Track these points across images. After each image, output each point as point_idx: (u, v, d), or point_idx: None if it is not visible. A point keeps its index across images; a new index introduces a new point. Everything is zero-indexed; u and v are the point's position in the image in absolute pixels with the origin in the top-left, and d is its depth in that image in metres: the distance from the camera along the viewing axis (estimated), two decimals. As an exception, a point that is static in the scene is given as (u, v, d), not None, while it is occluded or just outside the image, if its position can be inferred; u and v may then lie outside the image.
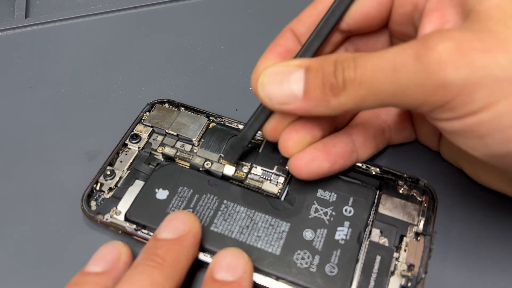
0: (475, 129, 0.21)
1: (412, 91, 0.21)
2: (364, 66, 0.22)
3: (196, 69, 0.40)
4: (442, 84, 0.20)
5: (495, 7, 0.21)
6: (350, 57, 0.23)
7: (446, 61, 0.20)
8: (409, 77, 0.21)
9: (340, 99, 0.24)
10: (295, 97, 0.25)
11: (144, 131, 0.34)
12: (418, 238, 0.29)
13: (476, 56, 0.20)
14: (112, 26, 0.45)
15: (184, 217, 0.27)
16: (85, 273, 0.26)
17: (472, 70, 0.20)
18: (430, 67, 0.20)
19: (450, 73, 0.20)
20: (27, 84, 0.40)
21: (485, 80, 0.20)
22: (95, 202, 0.31)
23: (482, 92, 0.20)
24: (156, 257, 0.25)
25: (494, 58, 0.20)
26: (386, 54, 0.22)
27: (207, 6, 0.46)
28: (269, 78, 0.26)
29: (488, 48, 0.20)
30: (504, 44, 0.20)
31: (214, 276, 0.26)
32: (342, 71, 0.23)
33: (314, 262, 0.28)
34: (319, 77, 0.24)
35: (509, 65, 0.20)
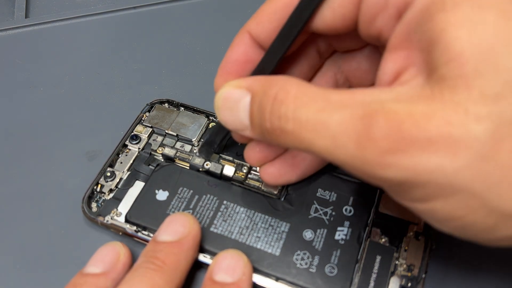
0: (411, 208, 0.21)
1: (349, 170, 0.20)
2: (304, 122, 0.20)
3: (196, 69, 0.40)
4: (378, 178, 0.19)
5: (462, 78, 0.18)
6: (291, 100, 0.21)
7: (386, 162, 0.18)
8: (347, 159, 0.19)
9: (279, 142, 0.22)
10: (245, 126, 0.24)
11: (144, 132, 0.34)
12: (418, 238, 0.29)
13: (421, 158, 0.18)
14: (112, 26, 0.45)
15: (184, 219, 0.27)
16: (84, 274, 0.26)
17: (413, 174, 0.18)
18: (369, 162, 0.19)
19: (388, 173, 0.19)
20: (27, 84, 0.40)
21: (424, 183, 0.18)
22: (95, 204, 0.31)
23: (419, 191, 0.19)
24: (156, 260, 0.25)
25: (440, 162, 0.18)
26: (330, 120, 0.19)
27: (207, 6, 0.46)
28: (222, 104, 0.25)
29: (436, 149, 0.18)
30: (455, 144, 0.17)
31: (213, 277, 0.26)
32: (279, 118, 0.21)
33: (314, 262, 0.28)
34: (258, 114, 0.22)
35: (453, 172, 0.18)
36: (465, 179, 0.18)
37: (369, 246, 0.28)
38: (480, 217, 0.18)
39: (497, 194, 0.18)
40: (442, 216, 0.19)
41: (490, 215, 0.18)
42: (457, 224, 0.19)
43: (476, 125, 0.17)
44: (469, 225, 0.19)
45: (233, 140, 0.32)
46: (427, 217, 0.20)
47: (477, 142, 0.17)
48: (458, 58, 0.18)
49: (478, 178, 0.18)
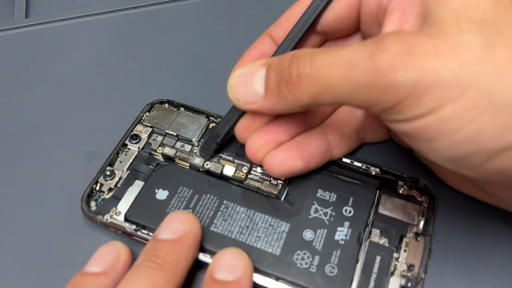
0: (423, 132, 0.22)
1: (364, 90, 0.22)
2: (320, 61, 0.23)
3: (196, 69, 0.40)
4: (392, 85, 0.21)
5: (451, 11, 0.21)
6: (307, 53, 0.24)
7: (397, 64, 0.20)
8: (362, 76, 0.21)
9: (295, 95, 0.24)
10: (259, 95, 0.26)
11: (144, 132, 0.34)
12: (418, 238, 0.29)
13: (427, 59, 0.20)
14: (112, 26, 0.45)
15: (184, 217, 0.27)
16: (84, 274, 0.26)
17: (422, 74, 0.20)
18: (382, 69, 0.21)
19: (400, 75, 0.20)
20: (27, 84, 0.40)
21: (434, 84, 0.20)
22: (95, 203, 0.31)
23: (430, 96, 0.20)
24: (156, 259, 0.25)
25: (444, 62, 0.20)
26: (342, 51, 0.22)
27: (207, 6, 0.46)
28: (236, 80, 0.27)
29: (440, 52, 0.20)
30: (456, 49, 0.20)
31: (214, 276, 0.26)
32: (297, 66, 0.23)
33: (314, 262, 0.28)
34: (276, 74, 0.25)
35: (458, 70, 0.20)
36: (469, 76, 0.20)
37: (369, 246, 0.28)
38: (489, 117, 0.20)
39: (500, 88, 0.20)
40: (454, 124, 0.20)
41: (498, 113, 0.20)
42: (469, 132, 0.20)
43: (469, 35, 0.20)
44: (480, 129, 0.20)
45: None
46: (440, 133, 0.21)
47: (473, 46, 0.20)
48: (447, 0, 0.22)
49: (482, 74, 0.20)
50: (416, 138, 0.22)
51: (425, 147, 0.22)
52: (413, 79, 0.20)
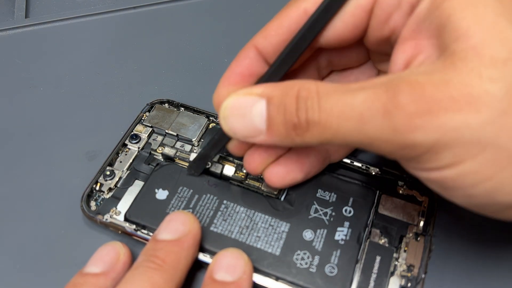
0: (439, 182, 0.21)
1: (379, 144, 0.21)
2: (330, 110, 0.21)
3: (196, 69, 0.40)
4: (410, 144, 0.20)
5: (471, 49, 0.19)
6: (314, 94, 0.22)
7: (415, 124, 0.19)
8: (377, 132, 0.20)
9: (304, 139, 0.22)
10: (259, 131, 0.24)
11: (144, 131, 0.34)
12: (418, 238, 0.29)
13: (446, 117, 0.19)
14: (112, 26, 0.45)
15: (184, 217, 0.27)
16: (84, 274, 0.26)
17: (442, 134, 0.19)
18: (399, 127, 0.20)
19: (418, 136, 0.20)
20: (27, 84, 0.40)
21: (453, 142, 0.19)
22: (94, 202, 0.31)
23: (449, 152, 0.20)
24: (156, 259, 0.25)
25: (464, 119, 0.19)
26: (354, 100, 0.21)
27: (207, 6, 0.46)
28: (230, 112, 0.25)
29: (459, 108, 0.19)
30: (476, 103, 0.19)
31: (213, 276, 0.26)
32: (306, 111, 0.22)
33: (314, 262, 0.28)
34: (281, 114, 0.23)
35: (478, 128, 0.19)
36: (490, 133, 0.19)
37: (369, 246, 0.28)
38: (508, 174, 0.19)
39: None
40: (472, 179, 0.20)
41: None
42: (486, 187, 0.20)
43: (491, 85, 0.19)
44: (499, 186, 0.20)
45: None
46: (457, 186, 0.21)
47: (495, 99, 0.19)
48: (466, 33, 0.20)
49: (503, 132, 0.19)
50: (432, 184, 0.22)
51: (441, 192, 0.22)
52: (432, 139, 0.19)
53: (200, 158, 0.31)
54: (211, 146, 0.30)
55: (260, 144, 0.25)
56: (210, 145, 0.30)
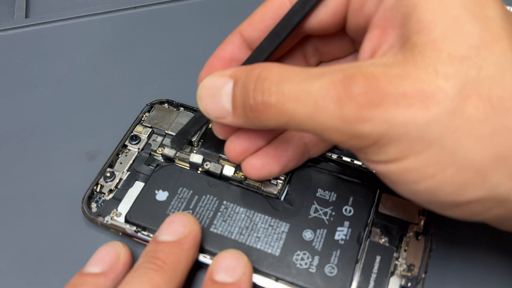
0: (385, 175, 0.22)
1: (330, 133, 0.21)
2: (287, 93, 0.21)
3: (196, 69, 0.40)
4: (357, 135, 0.20)
5: (432, 43, 0.20)
6: (274, 76, 0.22)
7: (364, 116, 0.20)
8: (328, 120, 0.20)
9: (261, 121, 0.23)
10: (227, 111, 0.25)
11: (144, 132, 0.34)
12: (418, 237, 0.29)
13: (396, 112, 0.19)
14: (112, 26, 0.45)
15: (184, 219, 0.27)
16: (84, 274, 0.26)
17: (388, 127, 0.20)
18: (348, 118, 0.20)
19: (366, 127, 0.20)
20: (27, 84, 0.40)
21: (399, 137, 0.20)
22: (95, 204, 0.31)
23: (394, 147, 0.20)
24: (156, 260, 0.25)
25: (413, 115, 0.19)
26: (311, 87, 0.21)
27: (207, 6, 0.46)
28: (204, 92, 0.25)
29: (410, 103, 0.19)
30: (427, 101, 0.19)
31: (213, 277, 0.26)
32: (262, 93, 0.22)
33: (313, 262, 0.28)
34: (241, 95, 0.23)
35: (425, 126, 0.19)
36: (436, 132, 0.19)
37: (369, 246, 0.28)
38: (450, 174, 0.20)
39: (464, 147, 0.19)
40: (415, 176, 0.20)
41: (460, 172, 0.20)
42: (428, 185, 0.20)
43: (445, 82, 0.19)
44: (440, 185, 0.20)
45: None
46: (400, 181, 0.21)
47: (446, 97, 0.19)
48: (428, 26, 0.20)
49: (448, 132, 0.19)
50: (380, 176, 0.23)
51: (388, 185, 0.23)
52: (379, 132, 0.20)
53: (181, 134, 0.32)
54: (192, 123, 0.31)
55: (229, 125, 0.26)
56: (191, 122, 0.31)
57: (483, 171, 0.19)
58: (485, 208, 0.21)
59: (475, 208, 0.21)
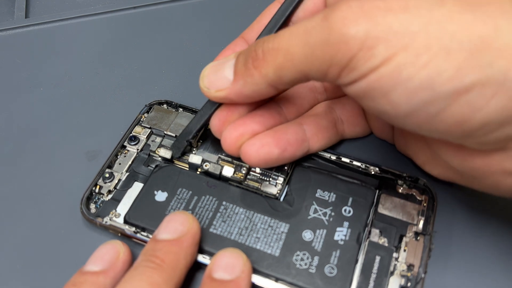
0: (378, 86, 0.22)
1: (319, 51, 0.22)
2: (282, 34, 0.24)
3: (196, 69, 0.40)
4: (344, 39, 0.21)
5: None
6: (272, 36, 0.25)
7: (348, 17, 0.21)
8: (317, 36, 0.22)
9: (261, 70, 0.25)
10: (228, 80, 0.27)
11: (143, 133, 0.34)
12: (417, 238, 0.29)
13: (378, 13, 0.21)
14: (112, 26, 0.45)
15: (183, 217, 0.27)
16: (83, 273, 0.26)
17: (372, 25, 0.21)
18: (334, 25, 0.22)
19: (351, 27, 0.21)
20: (27, 84, 0.40)
21: (384, 34, 0.21)
22: (94, 205, 0.31)
23: (381, 46, 0.21)
24: (155, 259, 0.25)
25: (394, 15, 0.21)
26: (302, 23, 0.23)
27: (207, 6, 0.46)
28: (208, 70, 0.28)
29: (390, 8, 0.21)
30: (406, 3, 0.21)
31: (212, 275, 0.26)
32: (262, 43, 0.25)
33: (313, 263, 0.28)
34: (243, 56, 0.26)
35: (407, 20, 0.21)
36: (418, 23, 0.21)
37: (369, 246, 0.28)
38: (442, 60, 0.20)
39: (449, 32, 0.20)
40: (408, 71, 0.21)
41: (451, 56, 0.20)
42: (423, 77, 0.21)
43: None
44: (435, 74, 0.21)
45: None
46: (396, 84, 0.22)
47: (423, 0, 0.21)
48: None
49: (430, 22, 0.21)
50: (373, 95, 0.23)
51: (384, 104, 0.22)
52: (363, 30, 0.21)
53: (182, 135, 0.32)
54: (195, 122, 0.31)
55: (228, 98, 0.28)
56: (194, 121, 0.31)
57: (474, 52, 0.20)
58: (487, 97, 0.20)
59: (476, 100, 0.20)
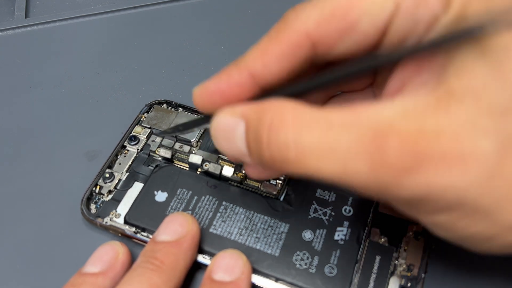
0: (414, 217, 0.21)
1: (361, 190, 0.20)
2: (307, 149, 0.19)
3: (196, 69, 0.40)
4: (394, 197, 0.19)
5: (471, 92, 0.18)
6: (290, 126, 0.20)
7: (402, 181, 0.18)
8: (361, 182, 0.19)
9: (281, 170, 0.21)
10: (244, 153, 0.23)
11: (143, 133, 0.34)
12: (418, 237, 0.29)
13: (435, 175, 0.18)
14: (112, 26, 0.45)
15: (182, 219, 0.27)
16: (83, 274, 0.26)
17: (427, 191, 0.18)
18: (385, 185, 0.19)
19: (403, 192, 0.19)
20: (27, 84, 0.40)
21: (436, 200, 0.19)
22: (94, 205, 0.31)
23: (427, 206, 0.19)
24: (154, 260, 0.25)
25: (452, 179, 0.18)
26: (337, 144, 0.19)
27: (207, 6, 0.46)
28: (218, 134, 0.23)
29: (449, 166, 0.18)
30: (466, 160, 0.18)
31: (212, 276, 0.26)
32: (278, 147, 0.20)
33: (313, 263, 0.28)
34: (255, 143, 0.21)
35: (463, 189, 0.18)
36: (473, 195, 0.18)
37: (369, 246, 0.28)
38: (482, 228, 0.19)
39: (501, 208, 0.18)
40: (445, 227, 0.20)
41: (492, 227, 0.19)
42: (458, 234, 0.20)
43: (484, 139, 0.17)
44: (470, 236, 0.20)
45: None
46: (429, 226, 0.21)
47: (485, 157, 0.17)
48: (471, 69, 0.18)
49: (485, 194, 0.18)
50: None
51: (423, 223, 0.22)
52: (417, 196, 0.19)
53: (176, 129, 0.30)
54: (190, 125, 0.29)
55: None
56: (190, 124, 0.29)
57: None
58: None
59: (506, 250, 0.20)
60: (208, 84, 0.24)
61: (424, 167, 0.18)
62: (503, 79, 0.17)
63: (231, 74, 0.24)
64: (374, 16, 0.20)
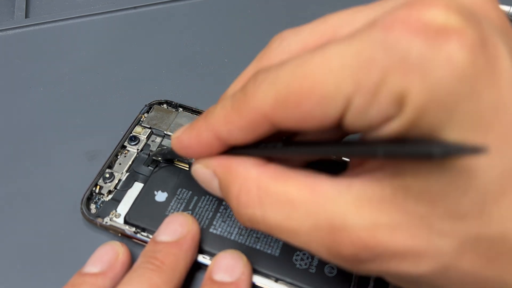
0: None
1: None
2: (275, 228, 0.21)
3: (196, 69, 0.40)
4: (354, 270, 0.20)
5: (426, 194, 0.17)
6: (256, 203, 0.21)
7: (357, 268, 0.19)
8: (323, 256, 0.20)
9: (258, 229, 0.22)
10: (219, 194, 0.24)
11: (143, 133, 0.34)
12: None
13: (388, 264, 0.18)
14: (112, 26, 0.45)
15: (182, 219, 0.28)
16: (82, 274, 0.26)
17: (385, 273, 0.19)
18: (342, 264, 0.20)
19: (359, 271, 0.20)
20: (27, 84, 0.40)
21: (392, 278, 0.20)
22: (94, 205, 0.31)
23: (387, 277, 0.20)
24: (155, 261, 0.25)
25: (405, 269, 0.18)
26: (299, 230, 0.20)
27: (207, 6, 0.46)
28: (197, 179, 0.24)
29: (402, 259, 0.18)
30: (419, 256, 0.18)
31: (212, 277, 0.26)
32: (249, 220, 0.21)
33: (313, 263, 0.28)
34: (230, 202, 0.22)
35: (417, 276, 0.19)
36: (426, 281, 0.19)
37: (369, 246, 0.28)
38: None
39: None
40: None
41: None
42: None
43: (440, 240, 0.17)
44: None
45: None
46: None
47: (440, 255, 0.18)
48: (426, 173, 0.17)
49: (439, 280, 0.19)
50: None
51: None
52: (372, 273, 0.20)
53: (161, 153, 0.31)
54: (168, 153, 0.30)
55: None
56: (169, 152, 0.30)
57: None
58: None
59: None
60: (182, 136, 0.24)
61: (378, 260, 0.18)
62: (464, 186, 0.17)
63: (200, 133, 0.23)
64: (325, 110, 0.19)
